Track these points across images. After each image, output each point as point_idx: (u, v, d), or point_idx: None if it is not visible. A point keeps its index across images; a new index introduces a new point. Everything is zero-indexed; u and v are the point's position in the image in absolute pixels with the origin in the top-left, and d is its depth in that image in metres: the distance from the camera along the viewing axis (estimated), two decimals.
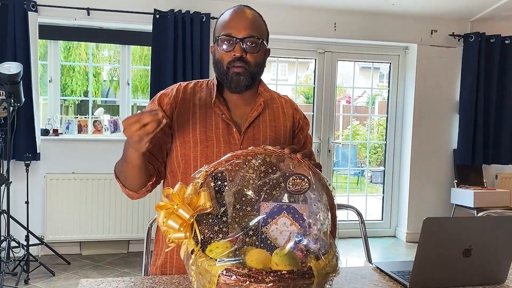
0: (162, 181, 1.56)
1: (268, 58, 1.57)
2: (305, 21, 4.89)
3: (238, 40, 1.43)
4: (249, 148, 1.13)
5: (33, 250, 4.12)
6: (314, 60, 5.28)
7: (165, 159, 1.53)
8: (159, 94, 1.56)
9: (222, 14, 1.51)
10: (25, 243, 3.85)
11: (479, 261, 1.32)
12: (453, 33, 5.19)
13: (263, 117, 1.54)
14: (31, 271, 3.80)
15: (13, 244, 3.78)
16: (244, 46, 1.43)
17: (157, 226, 1.55)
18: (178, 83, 1.59)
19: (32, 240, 4.00)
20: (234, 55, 1.43)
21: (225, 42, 1.44)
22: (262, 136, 1.51)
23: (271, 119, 1.55)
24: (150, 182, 1.47)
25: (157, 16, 4.40)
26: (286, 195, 1.09)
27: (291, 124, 1.61)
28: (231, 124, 1.48)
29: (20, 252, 3.87)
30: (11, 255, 3.75)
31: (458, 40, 5.21)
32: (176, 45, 4.40)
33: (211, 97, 1.51)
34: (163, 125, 1.21)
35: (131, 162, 1.34)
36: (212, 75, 1.89)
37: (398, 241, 5.37)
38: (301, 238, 1.01)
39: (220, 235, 1.04)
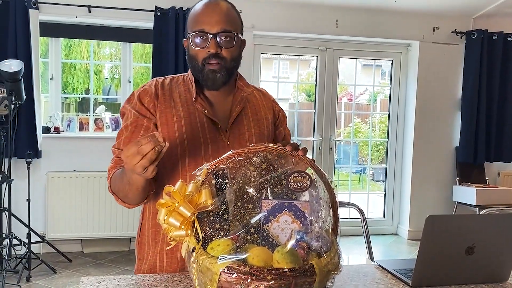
0: None
1: (270, 56, 1.54)
2: (307, 18, 4.87)
3: (211, 35, 1.36)
4: (250, 145, 1.12)
5: (35, 248, 4.12)
6: (315, 57, 5.27)
7: None
8: (137, 92, 1.46)
9: (193, 6, 1.44)
10: (26, 240, 3.85)
11: (482, 259, 1.32)
12: (455, 30, 5.17)
13: (245, 111, 1.50)
14: (33, 269, 3.80)
15: (14, 241, 3.78)
16: (218, 41, 1.37)
17: (139, 230, 1.52)
18: (154, 79, 1.50)
19: (34, 238, 4.00)
20: (208, 51, 1.37)
21: (198, 38, 1.38)
22: (247, 131, 1.47)
23: (253, 113, 1.52)
24: (152, 192, 1.41)
25: (158, 13, 4.39)
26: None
27: (272, 117, 1.57)
28: (216, 120, 1.43)
29: (21, 250, 3.88)
30: (12, 252, 3.75)
31: (461, 37, 5.19)
32: (177, 43, 4.40)
33: (191, 94, 1.45)
34: (166, 149, 1.13)
35: (135, 184, 1.27)
36: None
37: (400, 239, 5.37)
38: (302, 235, 1.00)
39: (222, 233, 1.03)
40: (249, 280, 0.91)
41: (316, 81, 5.28)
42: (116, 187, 1.36)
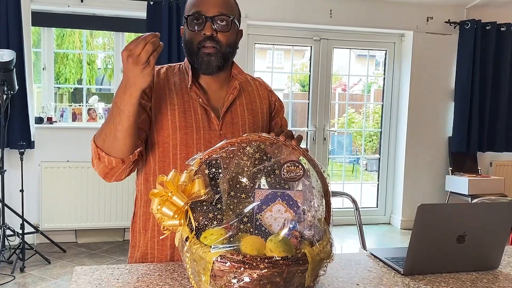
0: (137, 169, 1.46)
1: (264, 46, 1.53)
2: (301, 8, 4.86)
3: (208, 18, 1.36)
4: (243, 135, 1.12)
5: (29, 239, 4.12)
6: (310, 47, 5.26)
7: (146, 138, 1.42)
8: None
9: None
10: (20, 231, 3.85)
11: (473, 247, 1.33)
12: (449, 20, 5.17)
13: (239, 100, 1.49)
14: (27, 259, 3.80)
15: (8, 232, 3.78)
16: (214, 25, 1.36)
17: (133, 218, 1.52)
18: None
19: (28, 229, 4.00)
20: (204, 34, 1.36)
21: (194, 21, 1.37)
22: (241, 120, 1.46)
23: (247, 102, 1.51)
24: (139, 149, 1.35)
25: (151, 2, 4.36)
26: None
27: (268, 107, 1.56)
28: (209, 109, 1.42)
29: (15, 241, 3.88)
30: (6, 243, 3.75)
31: (454, 27, 5.19)
32: (170, 33, 4.37)
33: (186, 82, 1.45)
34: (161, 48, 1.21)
35: (128, 110, 1.22)
36: None
37: (393, 228, 5.41)
38: (295, 224, 1.01)
39: (215, 222, 1.04)
40: (242, 268, 0.92)
41: (310, 71, 5.28)
42: (102, 135, 1.29)
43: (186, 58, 1.48)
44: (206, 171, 1.10)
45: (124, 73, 1.21)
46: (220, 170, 1.10)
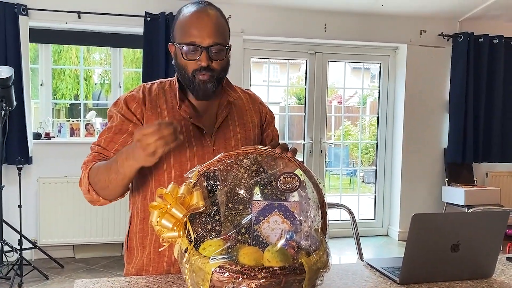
0: (131, 188, 1.51)
1: (260, 60, 1.53)
2: (296, 22, 4.92)
3: (203, 49, 1.36)
4: (240, 148, 1.15)
5: (27, 254, 4.10)
6: (305, 61, 5.31)
7: None
8: (123, 97, 1.48)
9: (181, 12, 1.42)
10: (18, 247, 3.84)
11: (467, 255, 1.35)
12: (442, 33, 5.24)
13: (231, 115, 1.51)
14: (25, 275, 3.78)
15: (6, 248, 3.77)
16: (209, 54, 1.37)
17: (127, 235, 1.51)
18: (141, 85, 1.51)
19: (25, 244, 3.98)
20: (199, 64, 1.37)
21: (189, 50, 1.37)
22: (233, 135, 1.48)
23: (239, 116, 1.52)
24: (126, 193, 1.45)
25: (148, 18, 4.41)
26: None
27: (259, 119, 1.57)
28: (201, 126, 1.44)
29: (13, 256, 3.86)
30: (4, 259, 3.74)
31: (447, 40, 5.26)
32: (167, 48, 4.38)
33: (177, 100, 1.46)
34: (180, 141, 1.18)
35: (124, 173, 1.29)
36: None
37: (390, 240, 5.41)
38: (292, 235, 1.03)
39: (213, 234, 1.06)
40: (240, 278, 0.94)
41: (306, 85, 5.32)
42: (96, 177, 1.37)
43: (176, 76, 1.49)
44: (204, 184, 1.13)
45: (132, 147, 1.24)
46: (218, 182, 1.13)
